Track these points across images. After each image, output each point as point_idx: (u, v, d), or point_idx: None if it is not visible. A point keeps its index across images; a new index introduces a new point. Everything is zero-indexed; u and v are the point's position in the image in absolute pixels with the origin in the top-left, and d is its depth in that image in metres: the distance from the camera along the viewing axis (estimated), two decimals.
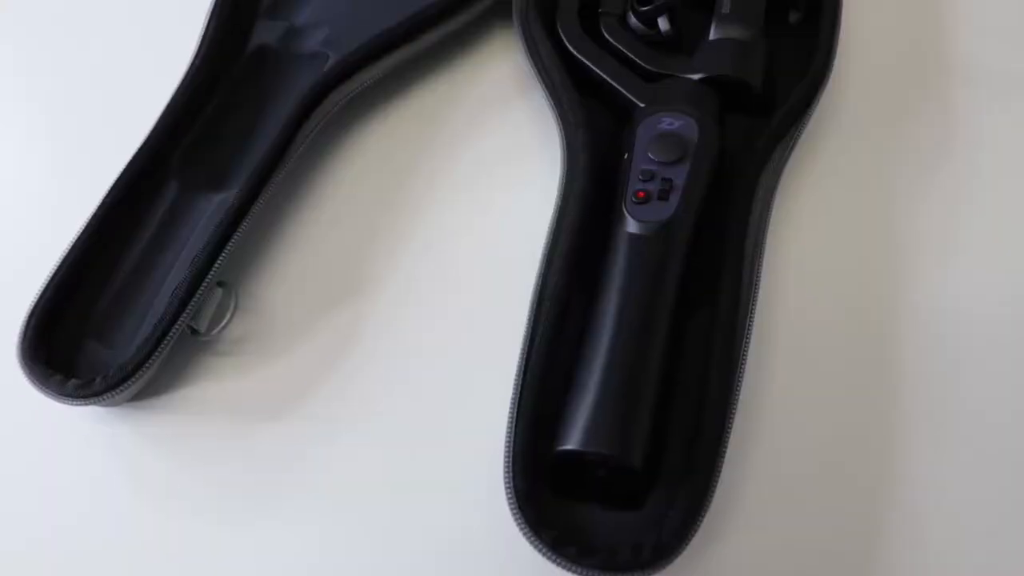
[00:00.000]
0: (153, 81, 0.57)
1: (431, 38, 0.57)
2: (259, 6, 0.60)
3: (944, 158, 0.55)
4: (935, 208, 0.53)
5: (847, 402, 0.48)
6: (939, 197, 0.54)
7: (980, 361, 0.49)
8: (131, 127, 0.54)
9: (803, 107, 0.52)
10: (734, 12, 0.54)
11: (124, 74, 0.63)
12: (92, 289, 0.50)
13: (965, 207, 0.54)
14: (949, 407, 0.48)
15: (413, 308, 0.52)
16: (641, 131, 0.49)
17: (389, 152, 0.57)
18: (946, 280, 0.51)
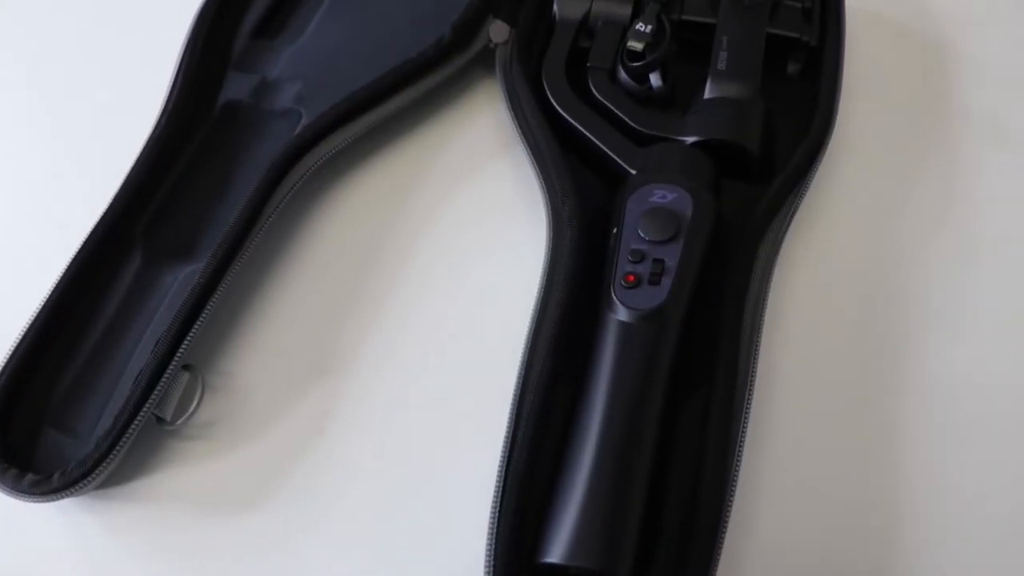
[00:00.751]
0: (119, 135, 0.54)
1: (409, 96, 0.54)
2: (230, 57, 0.57)
3: (951, 220, 0.53)
4: (942, 275, 0.51)
5: (851, 489, 0.45)
6: (946, 264, 0.51)
7: (987, 434, 0.47)
8: (99, 184, 0.52)
9: (803, 173, 0.50)
10: (730, 69, 0.51)
11: (91, 124, 0.60)
12: (50, 373, 0.48)
13: (973, 273, 0.51)
14: (956, 484, 0.45)
15: (393, 385, 0.49)
16: (631, 204, 0.46)
17: (365, 214, 0.54)
18: (953, 353, 0.49)
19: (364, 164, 0.55)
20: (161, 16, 0.64)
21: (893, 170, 0.55)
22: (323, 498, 0.46)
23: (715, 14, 0.55)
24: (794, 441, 0.46)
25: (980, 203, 0.54)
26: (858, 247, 0.51)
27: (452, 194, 0.54)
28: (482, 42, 0.55)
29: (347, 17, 0.57)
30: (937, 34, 0.61)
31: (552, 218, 0.49)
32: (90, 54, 0.63)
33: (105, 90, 0.61)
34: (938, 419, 0.47)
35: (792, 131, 0.52)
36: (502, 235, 0.52)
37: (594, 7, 0.55)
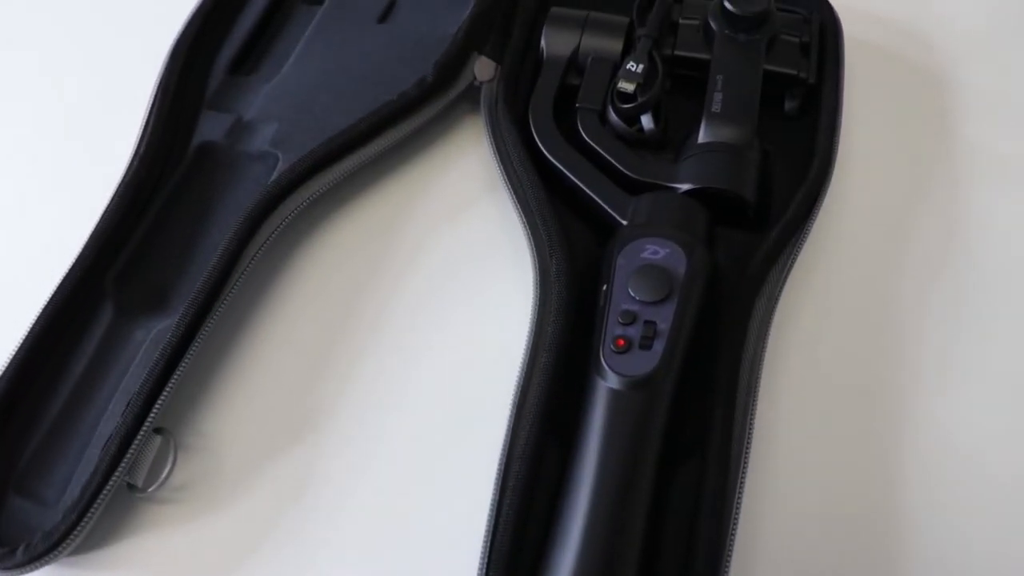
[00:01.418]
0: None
1: (389, 139, 0.51)
2: (204, 95, 0.55)
3: (954, 266, 0.51)
4: (946, 331, 0.49)
5: (853, 559, 0.43)
6: (950, 316, 0.49)
7: (989, 501, 0.45)
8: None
9: (801, 221, 0.47)
10: (725, 112, 0.49)
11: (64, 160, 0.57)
12: (15, 436, 0.45)
13: (978, 324, 0.49)
14: (956, 549, 0.44)
15: (374, 446, 0.47)
16: (622, 260, 0.44)
17: (344, 264, 0.51)
18: (958, 412, 0.47)
19: (343, 209, 0.53)
20: (139, 44, 0.62)
21: (894, 212, 0.53)
22: (302, 565, 0.44)
23: (709, 49, 0.52)
24: (793, 510, 0.44)
25: (984, 246, 0.52)
26: (858, 299, 0.49)
27: (435, 240, 0.52)
28: (466, 80, 0.53)
29: (326, 53, 0.55)
30: (938, 65, 0.58)
31: (539, 271, 0.47)
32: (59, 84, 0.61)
33: (75, 125, 0.59)
34: (945, 483, 0.45)
35: (790, 173, 0.50)
36: (488, 284, 0.50)
37: (583, 42, 0.53)
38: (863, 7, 0.60)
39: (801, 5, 0.56)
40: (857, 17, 0.58)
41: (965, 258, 0.51)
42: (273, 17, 0.59)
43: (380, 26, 0.56)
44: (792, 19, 0.54)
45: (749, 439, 0.43)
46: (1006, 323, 0.49)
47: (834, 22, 0.55)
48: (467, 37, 0.53)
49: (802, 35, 0.53)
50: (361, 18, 0.56)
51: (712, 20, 0.52)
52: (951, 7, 0.61)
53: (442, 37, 0.54)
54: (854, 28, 0.56)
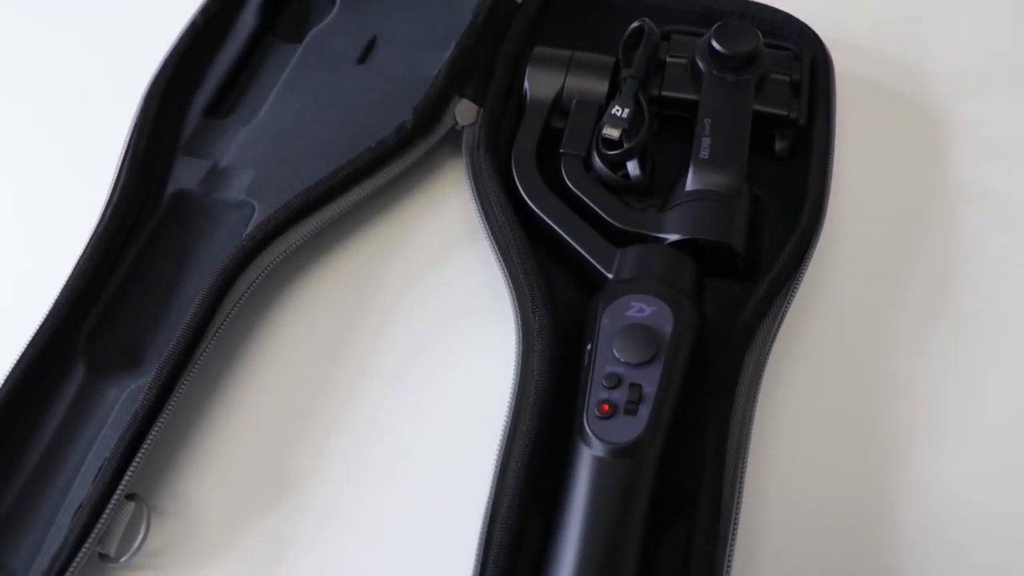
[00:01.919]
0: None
1: (367, 188, 0.50)
2: (179, 139, 0.54)
3: (949, 316, 0.49)
4: (943, 386, 0.47)
5: None
6: (947, 368, 0.48)
7: (983, 555, 0.43)
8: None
9: (792, 272, 0.46)
10: (714, 158, 0.47)
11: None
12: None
13: (976, 378, 0.48)
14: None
15: (353, 509, 0.45)
16: (606, 319, 0.43)
17: (323, 316, 0.50)
18: (953, 478, 0.45)
19: (320, 260, 0.51)
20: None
21: (887, 256, 0.51)
22: None
23: (697, 89, 0.51)
24: (786, 574, 0.43)
25: (979, 291, 0.50)
26: (851, 350, 0.48)
27: (416, 292, 0.50)
28: (447, 125, 0.52)
29: (303, 96, 0.54)
30: (931, 102, 0.57)
31: (521, 327, 0.45)
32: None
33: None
34: (942, 543, 0.43)
35: (780, 218, 0.49)
36: (470, 337, 0.49)
37: (568, 83, 0.51)
38: (854, 41, 0.58)
39: (791, 40, 0.55)
40: (848, 51, 0.56)
41: (960, 304, 0.50)
42: (251, 56, 0.57)
43: (359, 67, 0.54)
44: (782, 56, 0.52)
45: (739, 501, 0.41)
46: (1002, 371, 0.48)
47: (825, 59, 0.54)
48: (447, 80, 0.52)
49: (792, 73, 0.52)
50: (339, 59, 0.55)
51: (700, 59, 0.51)
52: (944, 42, 0.60)
53: (422, 79, 0.53)
54: (845, 63, 0.55)
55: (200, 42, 0.57)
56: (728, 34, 0.50)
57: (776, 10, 0.56)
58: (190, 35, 0.56)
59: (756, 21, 0.56)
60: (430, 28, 0.56)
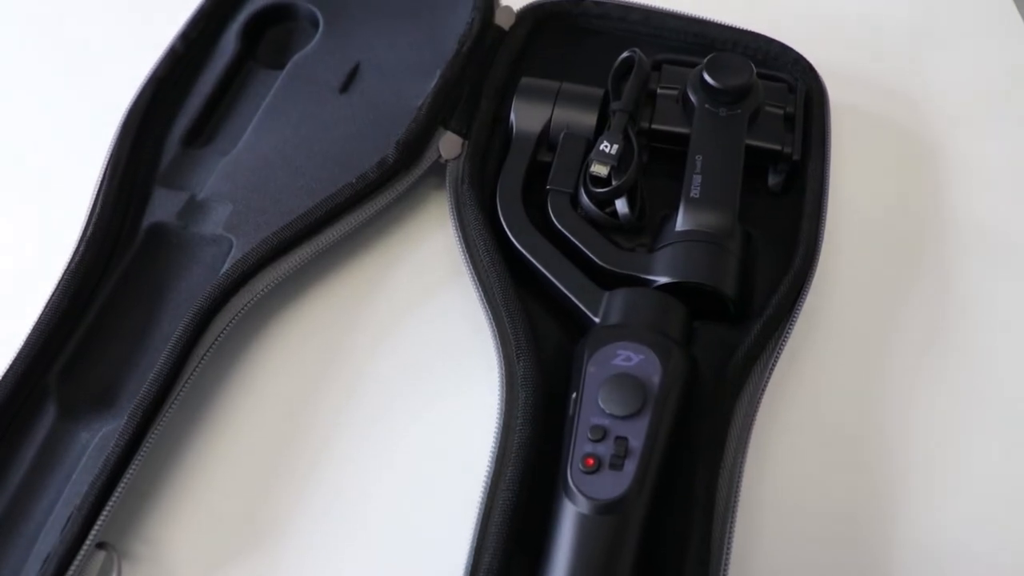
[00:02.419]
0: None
1: (348, 225, 0.48)
2: (157, 169, 0.52)
3: (945, 357, 0.48)
4: (937, 429, 0.46)
5: None
6: (945, 417, 0.46)
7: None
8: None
9: (784, 316, 0.45)
10: (705, 197, 0.46)
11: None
12: None
13: (973, 426, 0.46)
14: None
15: (331, 554, 0.44)
16: (592, 368, 0.41)
17: (301, 357, 0.48)
18: (951, 520, 0.44)
19: (299, 298, 0.50)
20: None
21: (883, 295, 0.50)
22: None
23: (688, 123, 0.49)
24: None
25: (976, 331, 0.49)
26: (844, 395, 0.47)
27: (397, 332, 0.49)
28: (430, 159, 0.50)
29: (284, 126, 0.52)
30: (928, 134, 0.56)
31: (504, 373, 0.44)
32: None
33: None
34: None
35: (773, 257, 0.48)
36: (453, 379, 0.47)
37: (555, 115, 0.50)
38: (850, 70, 0.57)
39: (785, 70, 0.54)
40: (843, 80, 0.55)
41: (958, 342, 0.48)
42: (231, 82, 0.56)
43: (341, 96, 0.53)
44: (776, 89, 0.51)
45: (727, 556, 0.40)
46: (1001, 410, 0.47)
47: (820, 91, 0.52)
48: (431, 112, 0.50)
49: (786, 105, 0.50)
50: (321, 88, 0.53)
51: (691, 92, 0.50)
52: (941, 74, 0.58)
53: (406, 109, 0.51)
54: (840, 91, 0.54)
55: (179, 68, 0.55)
56: (721, 67, 0.49)
57: (770, 39, 0.54)
58: (169, 61, 0.55)
59: (750, 51, 0.54)
60: (415, 55, 0.54)
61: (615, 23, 0.56)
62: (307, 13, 0.58)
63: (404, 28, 0.56)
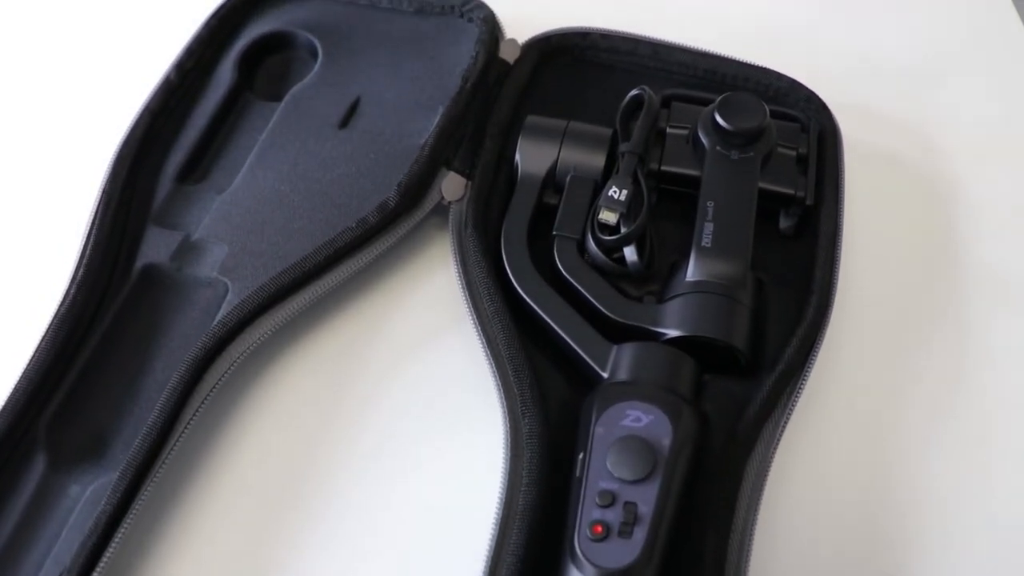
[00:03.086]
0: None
1: (347, 271, 0.47)
2: (150, 207, 0.51)
3: (963, 414, 0.47)
4: (959, 490, 0.45)
5: None
6: (962, 475, 0.45)
7: None
8: None
9: (797, 370, 0.43)
10: (717, 246, 0.44)
11: None
12: None
13: (990, 486, 0.45)
14: None
15: None
16: (600, 428, 0.40)
17: (299, 407, 0.47)
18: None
19: (294, 345, 0.48)
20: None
21: (898, 343, 0.49)
22: None
23: (699, 165, 0.48)
24: None
25: (997, 382, 0.47)
26: (858, 452, 0.45)
27: (398, 380, 0.47)
28: (433, 201, 0.49)
29: (281, 164, 0.50)
30: (943, 173, 0.54)
31: (509, 428, 0.42)
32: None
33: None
34: None
35: (785, 306, 0.46)
36: (456, 431, 0.46)
37: (562, 156, 0.49)
38: (863, 106, 0.56)
39: (798, 107, 0.52)
40: (856, 117, 0.54)
41: (976, 394, 0.47)
42: (227, 114, 0.54)
43: (341, 132, 0.51)
44: (788, 128, 0.49)
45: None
46: (1021, 464, 0.46)
47: (833, 131, 0.51)
48: (433, 152, 0.49)
49: (799, 146, 0.49)
50: (320, 123, 0.52)
51: (702, 133, 0.48)
52: (956, 110, 0.57)
53: (408, 147, 0.50)
54: (853, 130, 0.52)
55: (174, 100, 0.54)
56: (733, 108, 0.47)
57: (781, 75, 0.53)
58: (163, 92, 0.53)
59: (761, 87, 0.53)
60: (417, 89, 0.53)
61: (623, 57, 0.55)
62: (306, 43, 0.56)
63: (406, 60, 0.54)
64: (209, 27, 0.56)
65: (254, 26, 0.56)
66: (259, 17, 0.57)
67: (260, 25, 0.57)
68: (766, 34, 0.60)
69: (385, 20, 0.56)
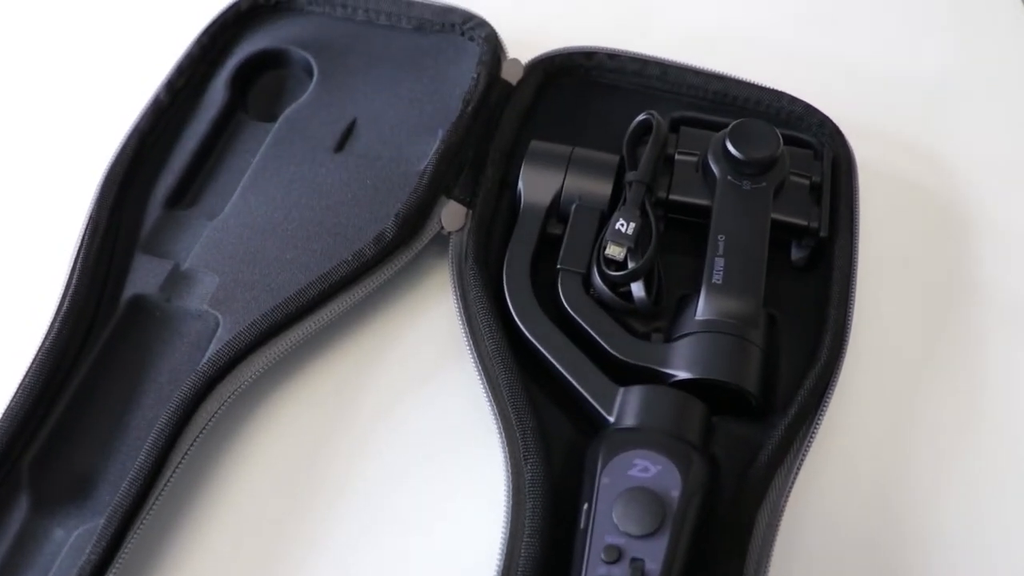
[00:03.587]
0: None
1: (342, 305, 0.45)
2: (139, 234, 0.49)
3: (982, 458, 0.45)
4: (979, 539, 0.43)
5: None
6: (983, 522, 0.43)
7: None
8: None
9: (810, 414, 0.42)
10: (728, 283, 0.43)
11: None
12: None
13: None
14: None
15: None
16: (606, 479, 0.38)
17: (289, 445, 0.45)
18: None
19: (287, 381, 0.46)
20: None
21: (915, 378, 0.47)
22: None
23: (709, 194, 0.46)
24: None
25: (1018, 431, 0.46)
26: (875, 496, 0.44)
27: (395, 419, 0.45)
28: (432, 231, 0.47)
29: (274, 190, 0.49)
30: (961, 198, 0.53)
31: (511, 474, 0.41)
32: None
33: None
34: None
35: (797, 341, 0.45)
36: (454, 473, 0.44)
37: (567, 184, 0.47)
38: (878, 130, 0.54)
39: (811, 132, 0.51)
40: (870, 141, 0.52)
41: (996, 439, 0.45)
42: (219, 136, 0.52)
43: (337, 156, 0.50)
44: (801, 156, 0.48)
45: None
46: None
47: (848, 158, 0.49)
48: (432, 181, 0.47)
49: (812, 174, 0.47)
50: (315, 146, 0.50)
51: (713, 161, 0.46)
52: (974, 135, 0.55)
53: (406, 174, 0.48)
54: (868, 153, 0.51)
55: (164, 121, 0.52)
56: (745, 137, 0.45)
57: (794, 99, 0.51)
58: (153, 113, 0.51)
59: (773, 110, 0.51)
60: (416, 111, 0.51)
61: (630, 78, 0.53)
62: (301, 60, 0.54)
63: (404, 80, 0.52)
64: (200, 44, 0.54)
65: (247, 43, 0.54)
66: (252, 34, 0.55)
67: (253, 42, 0.55)
68: (778, 54, 0.58)
69: (383, 37, 0.54)
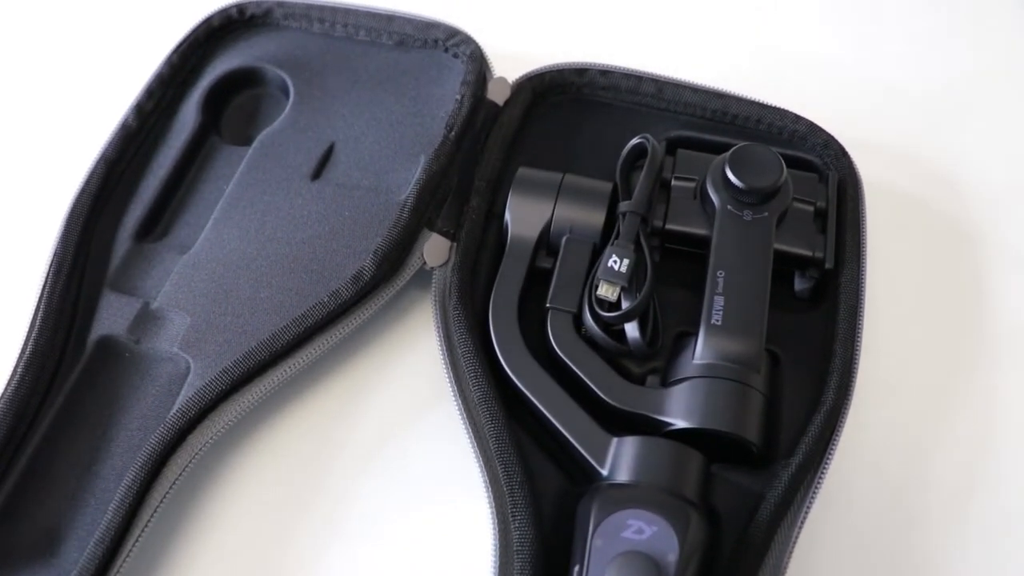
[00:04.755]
0: None
1: (320, 347, 0.42)
2: (107, 269, 0.46)
3: (1002, 499, 0.43)
4: None
5: None
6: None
7: None
8: None
9: (814, 464, 0.39)
10: (728, 325, 0.40)
11: None
12: None
13: None
14: None
15: None
16: (598, 541, 0.36)
17: (265, 493, 0.43)
18: None
19: (262, 426, 0.44)
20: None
21: (925, 418, 0.44)
22: None
23: (708, 223, 0.43)
24: None
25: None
26: (884, 548, 0.41)
27: (375, 470, 0.43)
28: (414, 268, 0.44)
29: (248, 222, 0.46)
30: (972, 220, 0.50)
31: (498, 530, 0.38)
32: None
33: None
34: None
35: (800, 382, 0.42)
36: (439, 525, 0.42)
37: (556, 215, 0.44)
38: (883, 148, 0.51)
39: (815, 152, 0.48)
40: (877, 159, 0.49)
41: (1012, 486, 0.43)
42: (191, 162, 0.50)
43: (313, 184, 0.47)
44: (805, 180, 0.45)
45: None
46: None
47: (854, 182, 0.46)
48: (414, 213, 0.44)
49: (817, 200, 0.44)
50: (291, 173, 0.47)
51: (711, 189, 0.43)
52: (983, 154, 0.52)
53: (386, 205, 0.45)
54: (874, 173, 0.48)
55: (132, 147, 0.49)
56: (746, 164, 0.43)
57: (798, 117, 0.48)
58: (120, 139, 0.49)
59: (775, 129, 0.48)
60: (396, 135, 0.48)
61: (624, 95, 0.50)
62: (276, 79, 0.52)
63: (384, 101, 0.49)
64: (171, 64, 0.51)
65: (220, 62, 0.52)
66: (225, 52, 0.52)
67: (226, 61, 0.52)
68: (779, 69, 0.55)
69: (362, 54, 0.51)
